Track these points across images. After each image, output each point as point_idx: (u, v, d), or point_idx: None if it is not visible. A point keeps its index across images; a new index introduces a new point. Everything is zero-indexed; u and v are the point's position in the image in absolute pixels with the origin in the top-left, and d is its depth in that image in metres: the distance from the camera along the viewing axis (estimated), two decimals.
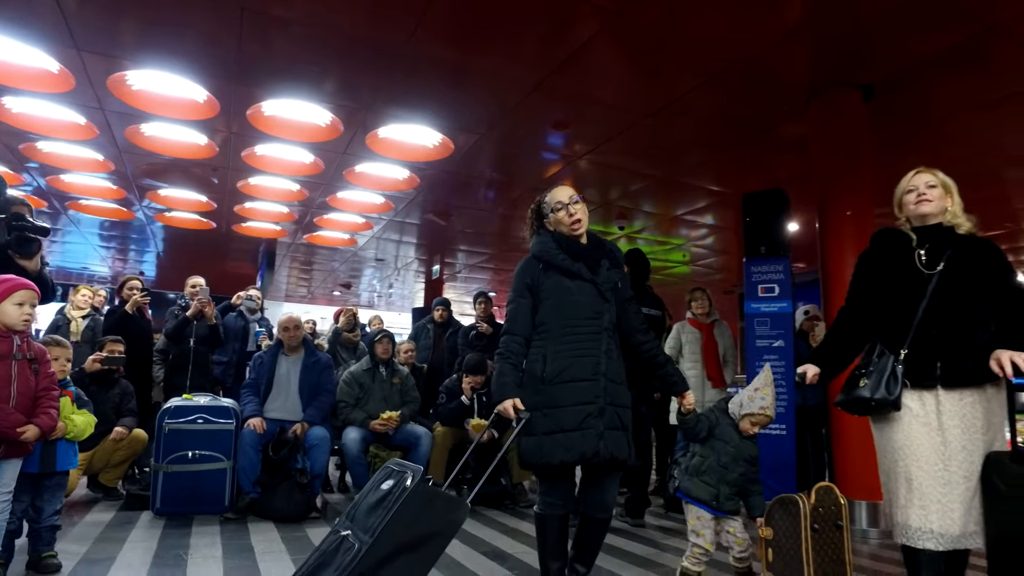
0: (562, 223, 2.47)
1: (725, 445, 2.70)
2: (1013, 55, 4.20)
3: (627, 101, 5.03)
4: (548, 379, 2.31)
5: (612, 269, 2.47)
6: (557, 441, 2.25)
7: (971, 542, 2.13)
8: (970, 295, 2.23)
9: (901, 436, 2.22)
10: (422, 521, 1.93)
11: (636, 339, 2.52)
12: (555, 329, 2.37)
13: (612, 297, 2.44)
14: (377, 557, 1.84)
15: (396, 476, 2.01)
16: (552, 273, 2.42)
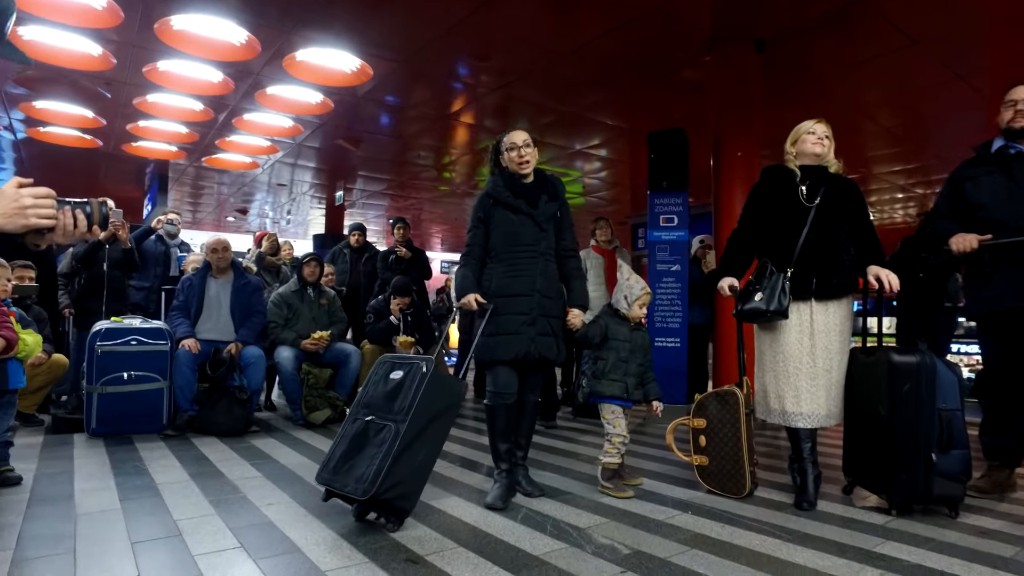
0: (512, 161, 2.85)
1: (621, 342, 3.00)
2: (873, 24, 4.88)
3: (542, 41, 5.29)
4: (494, 293, 2.78)
5: (550, 203, 2.89)
6: (499, 342, 2.74)
7: (834, 420, 2.79)
8: (838, 224, 2.82)
9: (782, 340, 2.81)
10: (442, 396, 2.46)
11: (561, 258, 2.96)
12: (501, 254, 2.84)
13: (550, 226, 2.88)
14: (416, 429, 2.35)
15: (405, 367, 2.50)
16: (499, 208, 2.86)
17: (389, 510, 2.33)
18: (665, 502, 2.77)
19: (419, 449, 2.36)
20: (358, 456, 2.36)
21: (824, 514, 2.61)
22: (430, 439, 2.41)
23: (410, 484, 2.34)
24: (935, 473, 2.51)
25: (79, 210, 1.24)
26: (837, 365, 2.79)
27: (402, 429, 2.31)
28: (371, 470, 2.27)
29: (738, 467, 2.84)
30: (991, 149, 3.05)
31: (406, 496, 2.34)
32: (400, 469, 2.29)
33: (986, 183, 2.98)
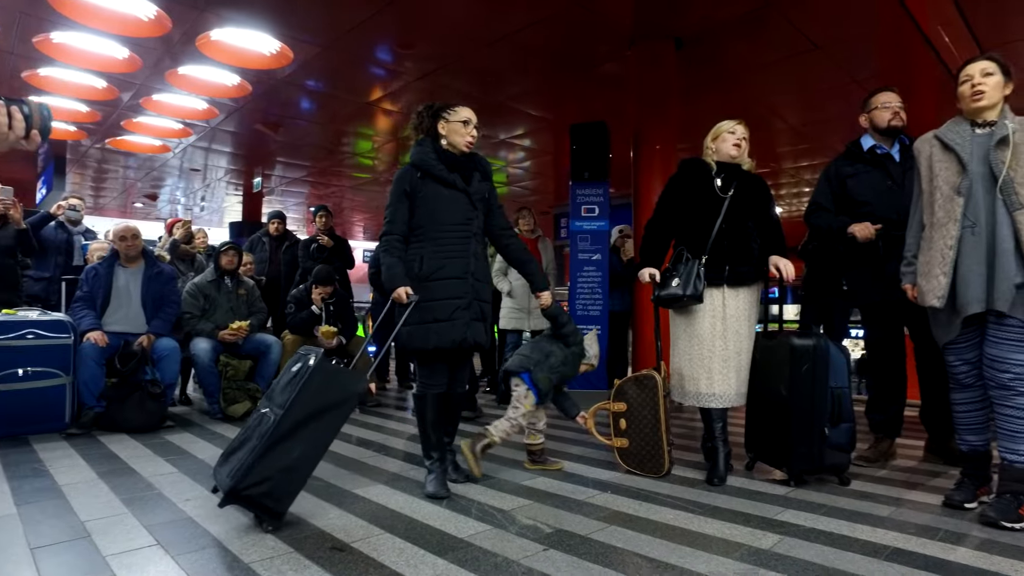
0: (460, 135, 2.73)
1: (572, 368, 3.07)
2: (781, 28, 5.17)
3: (466, 30, 5.30)
4: (424, 276, 2.65)
5: (483, 181, 2.82)
6: (431, 329, 2.64)
7: (742, 400, 2.97)
8: (748, 216, 3.00)
9: (696, 324, 2.97)
10: (327, 392, 2.26)
11: (503, 241, 2.92)
12: (430, 232, 2.69)
13: (481, 206, 2.80)
14: (290, 423, 2.18)
15: (302, 359, 2.33)
16: (429, 181, 2.70)
17: (256, 508, 2.18)
18: (586, 483, 2.88)
19: (293, 446, 2.19)
20: (241, 449, 2.23)
21: (732, 488, 2.79)
22: (308, 436, 2.23)
23: (280, 482, 2.18)
24: (827, 445, 2.74)
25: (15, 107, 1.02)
26: (746, 348, 2.97)
27: (278, 419, 2.17)
28: (241, 464, 2.15)
29: (657, 448, 2.98)
30: (863, 148, 3.30)
31: (274, 495, 2.17)
32: (267, 464, 2.15)
33: (866, 180, 3.21)
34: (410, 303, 2.60)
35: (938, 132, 2.56)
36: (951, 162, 2.48)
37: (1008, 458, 2.37)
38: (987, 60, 2.46)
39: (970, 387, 2.51)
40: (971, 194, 2.40)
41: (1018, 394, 2.32)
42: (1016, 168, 2.34)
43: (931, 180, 2.54)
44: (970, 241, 2.39)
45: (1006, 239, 2.32)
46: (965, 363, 2.49)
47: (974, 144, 2.43)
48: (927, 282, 2.49)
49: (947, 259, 2.42)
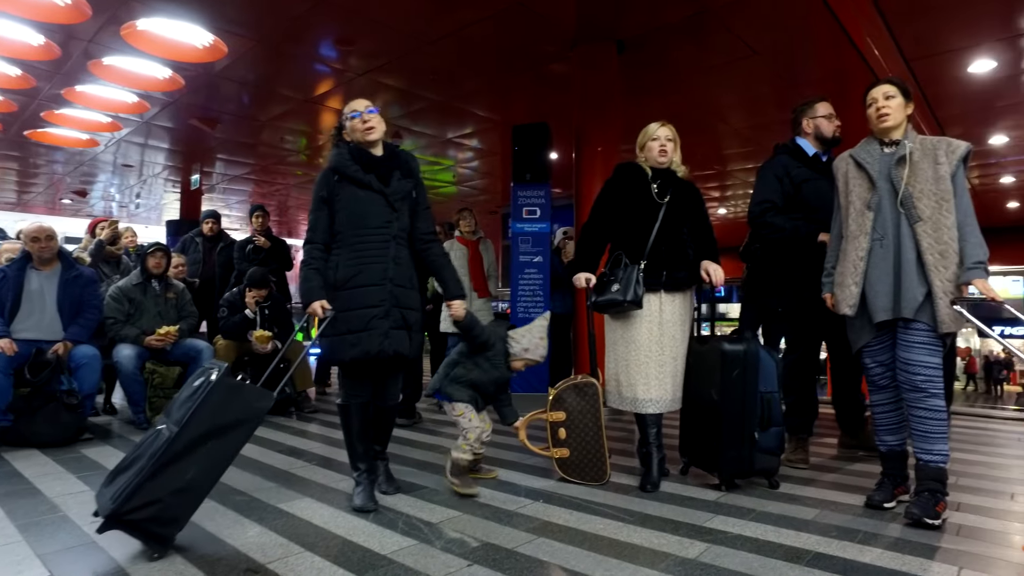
0: (356, 130, 2.62)
1: (492, 369, 2.89)
2: (720, 34, 5.24)
3: (411, 27, 5.20)
4: (339, 285, 2.54)
5: (404, 180, 2.67)
6: (347, 341, 2.52)
7: (677, 404, 2.98)
8: (683, 222, 3.01)
9: (633, 329, 2.95)
10: (228, 409, 2.12)
11: (420, 245, 2.75)
12: (348, 238, 2.57)
13: (403, 206, 2.65)
14: (184, 442, 2.03)
15: (205, 373, 2.17)
16: (346, 184, 2.59)
17: (140, 533, 2.02)
18: (519, 492, 2.84)
19: (187, 466, 2.03)
20: (130, 469, 2.06)
21: (665, 494, 2.79)
22: (205, 456, 2.07)
23: (169, 505, 2.01)
24: (757, 449, 2.77)
25: None
26: (681, 353, 2.99)
27: (171, 437, 2.02)
28: (127, 485, 1.98)
29: (599, 456, 2.96)
30: (808, 154, 3.37)
31: (161, 519, 2.00)
32: (156, 486, 1.98)
33: (815, 187, 3.24)
34: (327, 317, 2.51)
35: (853, 151, 2.73)
36: (863, 179, 2.62)
37: (923, 458, 2.45)
38: (888, 84, 2.60)
39: (885, 388, 2.60)
40: (880, 209, 2.55)
41: (929, 395, 2.41)
42: (914, 184, 2.48)
43: (846, 195, 2.69)
44: (879, 253, 2.52)
45: (910, 250, 2.46)
46: (879, 365, 2.59)
47: (882, 162, 2.58)
48: (841, 291, 2.62)
49: (858, 270, 2.55)
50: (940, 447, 2.43)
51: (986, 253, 2.36)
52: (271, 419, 4.63)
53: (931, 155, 2.49)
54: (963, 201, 2.45)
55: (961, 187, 2.46)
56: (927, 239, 2.42)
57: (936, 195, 2.43)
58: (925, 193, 2.45)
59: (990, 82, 6.05)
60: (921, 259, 2.42)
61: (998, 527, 2.39)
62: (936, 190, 2.44)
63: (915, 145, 2.53)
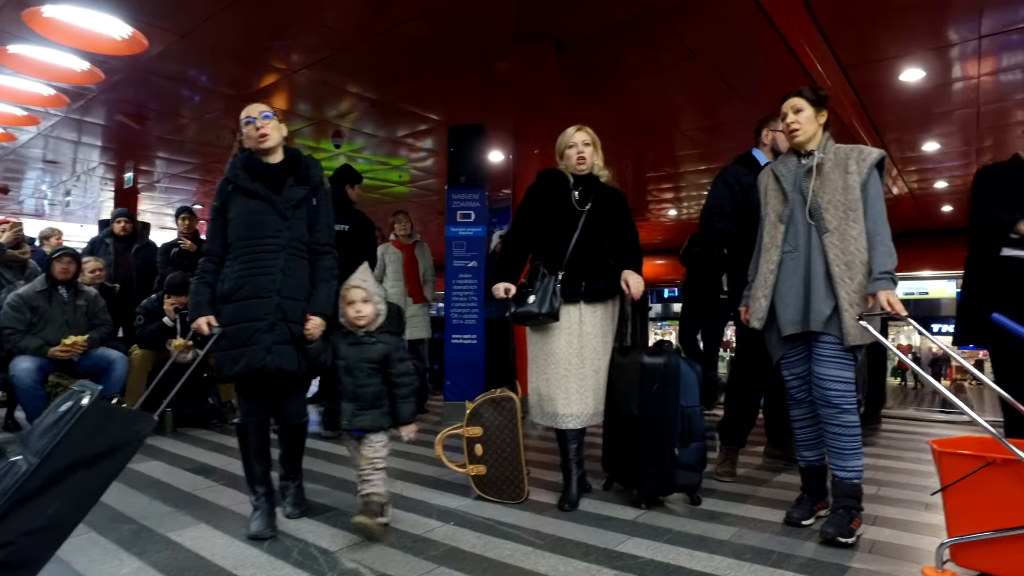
0: (250, 137, 2.49)
1: (341, 361, 2.46)
2: (660, 36, 5.19)
3: (343, 23, 5.01)
4: (226, 297, 2.41)
5: (297, 187, 2.51)
6: (230, 356, 2.39)
7: (599, 418, 2.88)
8: (605, 230, 2.91)
9: (552, 343, 2.84)
10: (100, 436, 1.92)
11: (312, 256, 2.56)
12: (239, 249, 2.44)
13: (297, 215, 2.50)
14: (45, 476, 1.80)
15: (75, 396, 1.97)
16: (238, 193, 2.47)
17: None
18: (431, 512, 2.70)
19: (49, 502, 1.81)
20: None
21: (583, 513, 2.69)
22: (71, 489, 1.85)
23: (23, 547, 1.76)
24: (677, 465, 2.69)
25: None
26: (603, 366, 2.89)
27: (28, 472, 1.78)
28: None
29: (517, 473, 2.85)
30: (760, 164, 3.33)
31: (11, 564, 1.76)
32: (10, 527, 1.74)
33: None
34: (213, 335, 2.37)
35: (773, 164, 2.70)
36: (778, 192, 2.58)
37: (838, 475, 2.41)
38: (796, 97, 2.56)
39: (802, 402, 2.55)
40: (791, 221, 2.51)
41: (842, 411, 2.37)
42: (822, 194, 2.45)
43: (765, 208, 2.64)
44: (789, 265, 2.48)
45: (819, 263, 2.42)
46: (796, 378, 2.55)
47: (797, 174, 2.53)
48: (752, 304, 2.57)
49: (768, 283, 2.52)
50: (854, 463, 2.39)
51: (894, 263, 2.32)
52: (189, 432, 4.41)
53: (842, 165, 2.45)
54: (874, 209, 2.39)
55: (874, 195, 2.41)
56: (834, 250, 2.37)
57: (844, 205, 2.39)
58: (833, 204, 2.41)
59: (920, 91, 6.17)
60: (828, 271, 2.37)
61: (911, 542, 2.36)
62: (844, 200, 2.40)
63: (827, 155, 2.48)
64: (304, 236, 2.54)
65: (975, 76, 5.86)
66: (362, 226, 4.27)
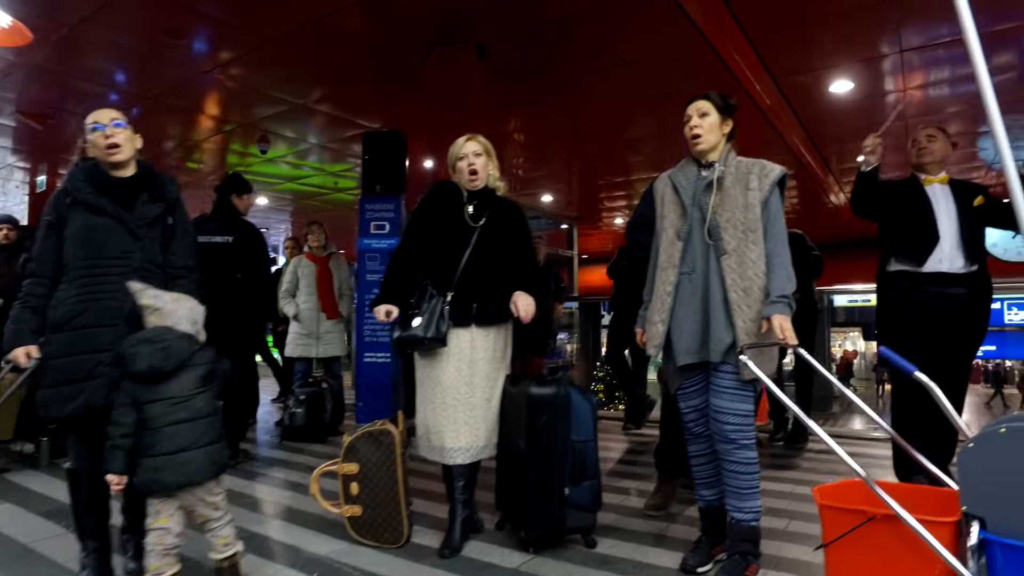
0: (97, 146, 2.20)
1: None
2: (587, 41, 5.00)
3: (247, 22, 4.69)
4: (58, 325, 2.09)
5: (151, 203, 2.24)
6: (62, 393, 2.07)
7: (491, 451, 2.63)
8: (500, 248, 2.68)
9: (439, 370, 2.59)
10: None
11: (167, 279, 2.28)
12: (76, 270, 2.14)
13: (151, 234, 2.24)
14: None
15: None
16: (79, 208, 2.17)
17: None
18: (296, 560, 2.42)
19: None
20: None
21: (465, 560, 2.45)
22: None
23: None
24: (568, 505, 2.47)
25: None
26: (496, 395, 2.66)
27: None
28: None
29: (395, 515, 2.59)
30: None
31: None
32: None
33: None
34: (28, 368, 2.06)
35: (671, 172, 2.47)
36: (677, 204, 2.37)
37: (735, 516, 2.22)
38: (703, 99, 2.36)
39: (700, 436, 2.35)
40: (689, 239, 2.30)
41: (740, 447, 2.18)
42: (721, 212, 2.25)
43: (661, 221, 2.41)
44: (687, 288, 2.28)
45: (717, 287, 2.22)
46: (693, 410, 2.35)
47: (697, 187, 2.33)
48: (649, 328, 2.35)
49: (665, 306, 2.31)
50: (752, 504, 2.20)
51: (792, 287, 2.15)
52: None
53: (743, 180, 2.26)
54: (774, 230, 2.23)
55: (774, 214, 2.24)
56: (732, 274, 2.18)
57: (743, 224, 2.20)
58: (732, 222, 2.22)
59: (851, 102, 6.13)
60: (726, 296, 2.18)
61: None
62: (744, 219, 2.21)
63: (729, 169, 2.29)
64: (158, 258, 2.27)
65: (901, 89, 5.84)
66: (249, 238, 3.96)
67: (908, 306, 3.13)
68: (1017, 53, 5.25)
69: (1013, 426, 1.38)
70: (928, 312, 3.08)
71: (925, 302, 3.08)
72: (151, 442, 1.92)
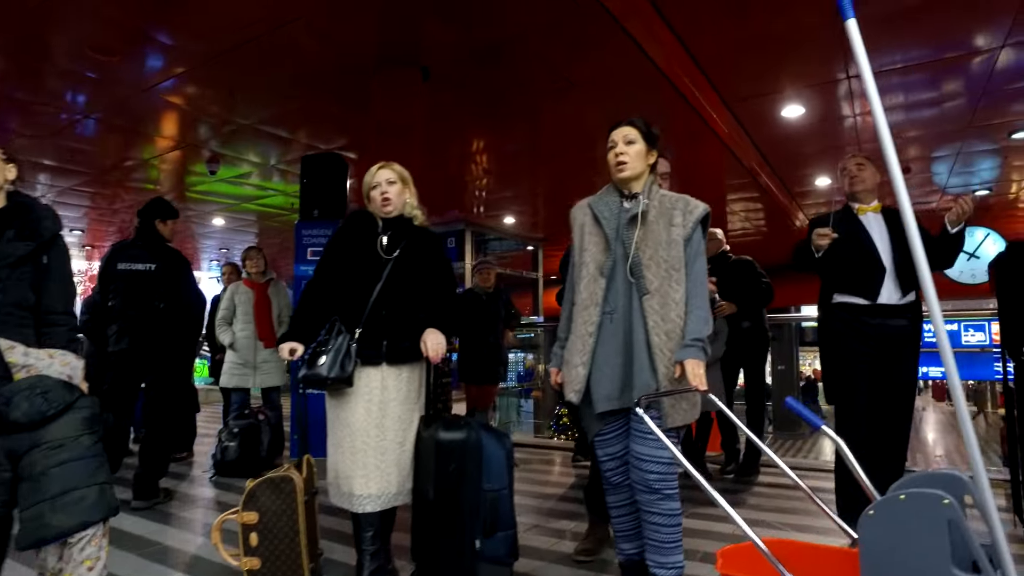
0: None
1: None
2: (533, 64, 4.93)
3: (179, 38, 4.54)
4: None
5: (18, 241, 2.06)
6: None
7: (407, 497, 2.46)
8: (414, 281, 2.54)
9: (348, 411, 2.43)
10: None
11: (43, 327, 2.12)
12: None
13: (16, 275, 2.04)
14: None
15: None
16: None
17: None
18: None
19: None
20: None
21: None
22: None
23: None
24: (481, 559, 2.30)
25: None
26: (410, 437, 2.49)
27: None
28: None
29: (295, 569, 2.39)
30: None
31: None
32: None
33: None
34: None
35: (592, 201, 2.32)
36: (599, 237, 2.23)
37: (656, 572, 2.06)
38: (629, 126, 2.25)
39: (619, 487, 2.20)
40: (612, 276, 2.16)
41: (664, 497, 2.03)
42: (644, 249, 2.12)
43: (581, 254, 2.26)
44: (608, 329, 2.14)
45: (640, 329, 2.08)
46: (612, 459, 2.19)
47: (620, 219, 2.19)
48: (567, 371, 2.20)
49: (587, 347, 2.15)
50: (674, 559, 2.06)
51: (708, 330, 2.03)
52: None
53: (667, 215, 2.15)
54: (695, 268, 2.12)
55: (695, 253, 2.13)
56: (654, 315, 2.06)
57: (667, 263, 2.09)
58: (655, 260, 2.10)
59: (804, 127, 6.14)
60: (648, 340, 2.05)
61: None
62: (667, 257, 2.09)
63: (653, 203, 2.17)
64: (28, 300, 2.08)
65: (851, 115, 5.85)
66: (172, 265, 3.77)
67: (849, 338, 3.05)
68: (964, 81, 5.30)
69: (912, 492, 1.26)
70: (869, 345, 3.00)
71: (866, 335, 3.00)
72: (34, 489, 1.75)
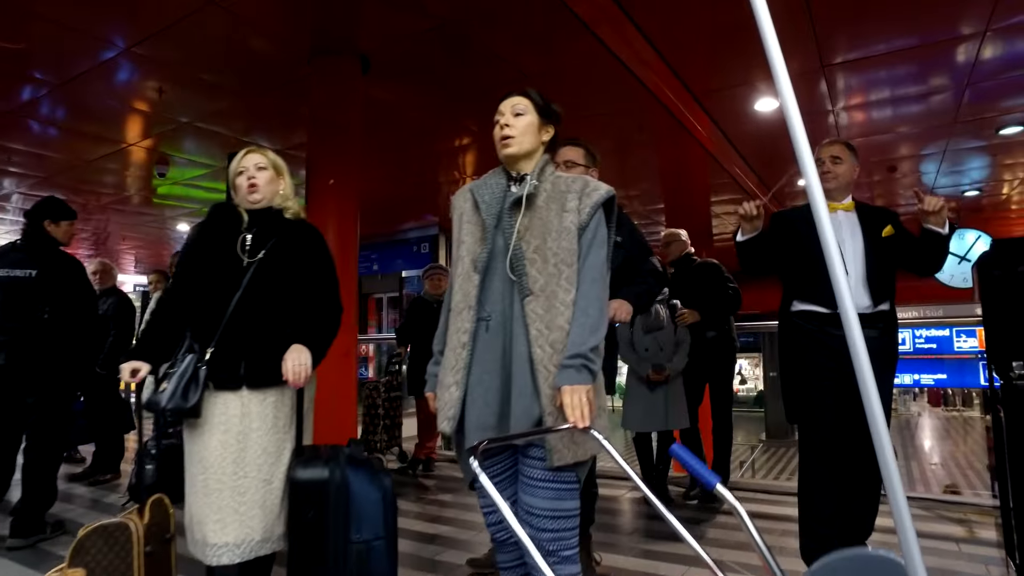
0: None
1: None
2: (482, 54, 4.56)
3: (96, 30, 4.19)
4: None
5: None
6: None
7: (277, 544, 2.05)
8: (285, 288, 2.14)
9: (201, 445, 2.03)
10: None
11: None
12: None
13: None
14: None
15: None
16: None
17: None
18: None
19: None
20: None
21: None
22: None
23: None
24: None
25: None
26: (278, 474, 2.07)
27: None
28: None
29: None
30: None
31: None
32: None
33: None
34: None
35: (475, 185, 1.86)
36: (477, 225, 1.78)
37: None
38: (520, 96, 1.80)
39: (507, 545, 1.77)
40: (490, 273, 1.71)
41: (561, 561, 1.62)
42: (529, 239, 1.68)
43: (458, 247, 1.82)
44: (484, 339, 1.69)
45: (521, 339, 1.64)
46: (494, 511, 1.75)
47: (503, 204, 1.75)
48: (441, 393, 1.75)
49: (460, 362, 1.70)
50: None
51: (596, 341, 1.59)
52: None
53: (560, 200, 1.69)
54: (588, 263, 1.66)
55: (590, 244, 1.67)
56: (537, 323, 1.61)
57: (556, 257, 1.63)
58: (541, 254, 1.64)
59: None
60: (530, 353, 1.63)
61: None
62: (557, 249, 1.64)
63: (543, 184, 1.73)
64: None
65: (830, 109, 5.50)
66: (59, 270, 3.38)
67: (813, 351, 2.66)
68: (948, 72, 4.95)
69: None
70: (835, 360, 2.58)
71: (832, 348, 2.58)
72: None
